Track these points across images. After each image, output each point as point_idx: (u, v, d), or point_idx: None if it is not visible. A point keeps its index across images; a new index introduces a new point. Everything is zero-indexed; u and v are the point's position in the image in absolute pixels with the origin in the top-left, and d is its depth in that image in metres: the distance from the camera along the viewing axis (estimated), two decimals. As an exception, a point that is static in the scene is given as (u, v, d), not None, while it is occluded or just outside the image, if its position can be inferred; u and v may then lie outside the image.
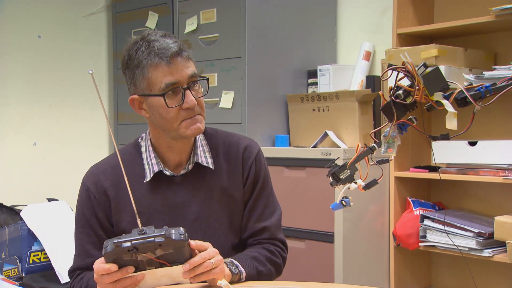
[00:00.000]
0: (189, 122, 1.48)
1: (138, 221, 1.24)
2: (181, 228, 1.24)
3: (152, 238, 1.21)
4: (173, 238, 1.21)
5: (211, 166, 1.58)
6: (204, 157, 1.58)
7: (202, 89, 1.53)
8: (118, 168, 1.54)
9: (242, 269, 1.47)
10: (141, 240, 1.21)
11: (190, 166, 1.57)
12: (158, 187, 1.56)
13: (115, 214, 1.55)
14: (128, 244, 1.21)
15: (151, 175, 1.54)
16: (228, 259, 1.48)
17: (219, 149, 1.62)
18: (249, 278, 1.49)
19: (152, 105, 1.48)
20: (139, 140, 1.62)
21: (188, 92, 1.46)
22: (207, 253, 1.32)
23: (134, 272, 1.27)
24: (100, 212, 1.54)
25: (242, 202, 1.62)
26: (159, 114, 1.48)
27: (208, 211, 1.58)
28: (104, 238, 1.51)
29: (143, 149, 1.59)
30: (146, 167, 1.56)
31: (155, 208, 1.55)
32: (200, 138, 1.61)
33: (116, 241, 1.21)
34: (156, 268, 1.27)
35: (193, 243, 1.29)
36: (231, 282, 1.44)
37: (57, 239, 2.85)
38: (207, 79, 1.54)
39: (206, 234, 1.54)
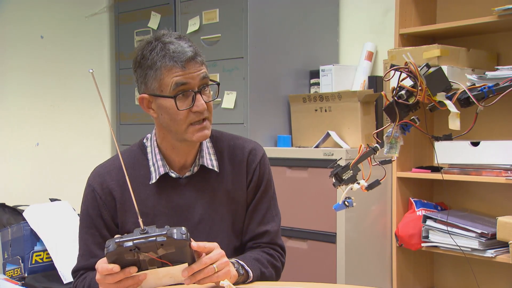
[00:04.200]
0: (196, 128, 1.48)
1: (140, 220, 1.24)
2: (183, 228, 1.24)
3: (154, 238, 1.21)
4: (175, 237, 1.21)
5: (216, 169, 1.59)
6: (210, 160, 1.59)
7: (212, 93, 1.53)
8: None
9: (248, 269, 1.48)
10: (143, 240, 1.21)
11: (196, 169, 1.57)
12: (163, 188, 1.56)
13: (120, 215, 1.55)
14: (130, 243, 1.21)
15: (157, 177, 1.54)
16: (233, 259, 1.48)
17: (224, 152, 1.62)
18: (255, 279, 1.50)
19: (162, 106, 1.48)
20: (144, 140, 1.62)
21: (198, 95, 1.46)
22: (209, 257, 1.31)
23: (136, 272, 1.27)
24: (106, 212, 1.55)
25: (245, 205, 1.63)
26: (168, 115, 1.48)
27: (212, 213, 1.58)
28: (109, 238, 1.51)
29: (148, 149, 1.59)
30: (152, 169, 1.56)
31: (159, 210, 1.55)
32: (206, 141, 1.61)
33: (118, 240, 1.22)
34: (158, 267, 1.27)
35: (195, 244, 1.28)
36: (237, 283, 1.44)
37: (60, 239, 2.86)
38: (218, 84, 1.54)
39: (209, 236, 1.54)
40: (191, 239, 1.28)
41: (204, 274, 1.30)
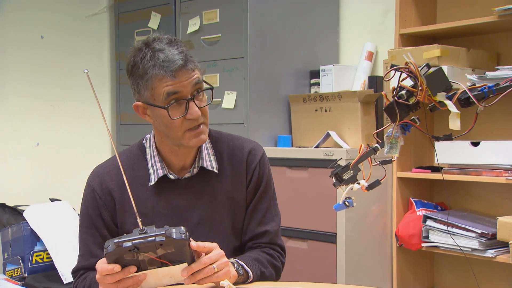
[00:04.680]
0: (192, 134, 1.47)
1: (139, 220, 1.24)
2: (182, 227, 1.23)
3: (153, 238, 1.21)
4: (174, 237, 1.21)
5: (215, 170, 1.58)
6: (209, 161, 1.58)
7: (207, 97, 1.52)
8: (123, 170, 1.54)
9: (248, 269, 1.47)
10: (142, 240, 1.21)
11: (195, 170, 1.57)
12: (162, 190, 1.55)
13: (120, 215, 1.55)
14: (129, 243, 1.21)
15: (156, 179, 1.54)
16: (233, 259, 1.48)
17: (224, 152, 1.62)
18: (255, 279, 1.49)
19: (156, 114, 1.48)
20: (144, 141, 1.62)
21: (192, 103, 1.45)
22: (209, 257, 1.31)
23: (136, 272, 1.27)
24: (105, 212, 1.55)
25: (244, 205, 1.62)
26: (163, 123, 1.48)
27: (212, 214, 1.58)
28: (109, 238, 1.51)
29: (147, 151, 1.59)
30: (151, 170, 1.56)
31: (159, 211, 1.55)
32: (206, 142, 1.60)
33: (117, 241, 1.21)
34: (157, 267, 1.27)
35: (194, 244, 1.28)
36: (237, 283, 1.44)
37: (60, 239, 2.86)
38: (212, 88, 1.51)
39: (208, 237, 1.54)
40: (191, 238, 1.27)
41: (204, 274, 1.30)
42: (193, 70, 1.45)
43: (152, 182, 1.55)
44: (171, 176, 1.55)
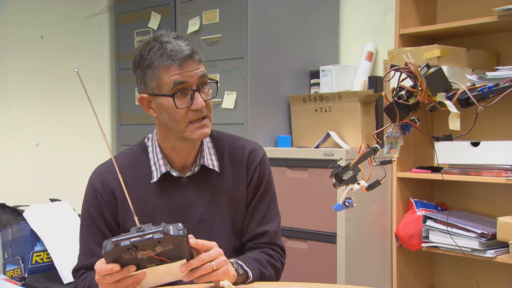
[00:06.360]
0: (196, 126, 1.48)
1: (136, 219, 1.24)
2: (179, 224, 1.23)
3: (151, 235, 1.20)
4: (171, 233, 1.21)
5: (216, 169, 1.59)
6: (210, 160, 1.59)
7: (211, 91, 1.53)
8: (125, 168, 1.55)
9: (247, 269, 1.48)
10: (140, 238, 1.20)
11: (196, 169, 1.58)
12: (164, 188, 1.56)
13: (121, 214, 1.55)
14: (127, 242, 1.20)
15: (158, 176, 1.55)
16: (233, 259, 1.48)
17: (225, 152, 1.62)
18: (254, 279, 1.49)
19: (161, 105, 1.49)
20: (146, 140, 1.62)
21: (197, 94, 1.47)
22: (208, 255, 1.31)
23: (135, 270, 1.26)
24: (107, 212, 1.55)
25: (245, 205, 1.63)
26: (167, 114, 1.48)
27: (212, 213, 1.58)
28: (110, 237, 1.51)
29: (149, 149, 1.59)
30: (153, 168, 1.56)
31: (160, 209, 1.55)
32: (207, 141, 1.61)
33: (115, 240, 1.21)
34: (156, 265, 1.27)
35: (193, 241, 1.29)
36: (237, 283, 1.44)
37: (60, 239, 2.86)
38: (217, 82, 1.54)
39: (209, 236, 1.54)
40: (189, 235, 1.27)
41: (203, 270, 1.30)
42: (199, 63, 1.48)
43: (155, 179, 1.55)
44: (174, 173, 1.56)
